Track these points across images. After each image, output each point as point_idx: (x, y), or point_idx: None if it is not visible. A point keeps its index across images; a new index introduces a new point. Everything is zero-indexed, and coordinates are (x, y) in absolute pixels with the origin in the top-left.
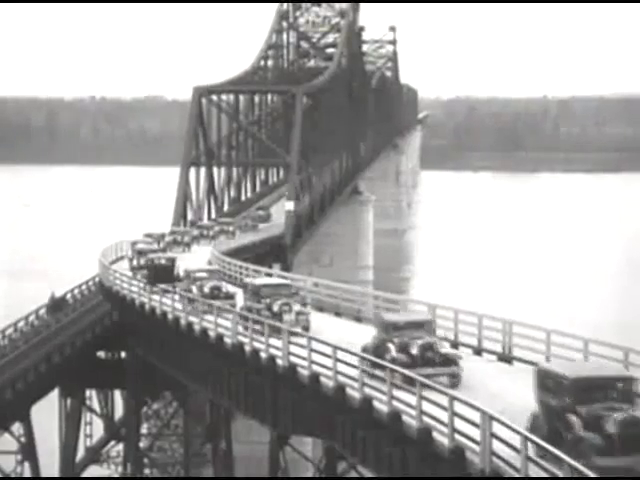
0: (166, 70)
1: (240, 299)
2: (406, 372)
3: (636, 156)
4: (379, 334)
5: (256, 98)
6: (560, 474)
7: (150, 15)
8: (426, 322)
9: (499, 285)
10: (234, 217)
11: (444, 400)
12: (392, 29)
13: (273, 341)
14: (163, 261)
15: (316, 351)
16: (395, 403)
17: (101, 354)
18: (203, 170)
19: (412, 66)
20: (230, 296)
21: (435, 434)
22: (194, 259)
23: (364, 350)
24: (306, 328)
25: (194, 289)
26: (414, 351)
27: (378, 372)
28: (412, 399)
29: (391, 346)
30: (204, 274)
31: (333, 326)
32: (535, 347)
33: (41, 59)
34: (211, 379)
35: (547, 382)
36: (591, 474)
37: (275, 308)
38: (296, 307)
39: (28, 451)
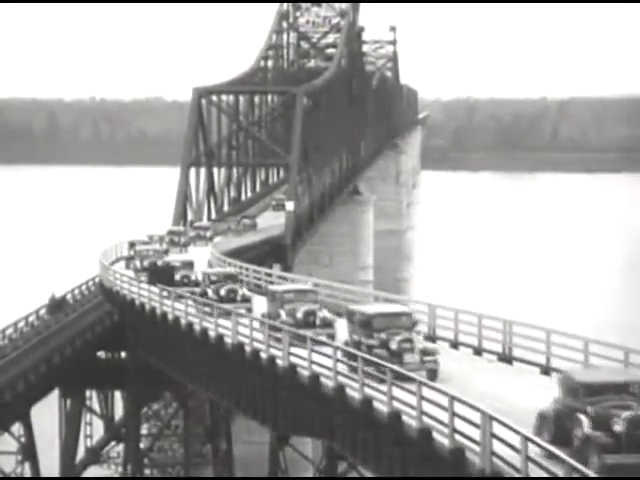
0: (166, 71)
1: (342, 330)
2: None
3: (636, 157)
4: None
5: (256, 98)
6: (561, 474)
7: (150, 16)
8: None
9: (499, 285)
10: (222, 220)
11: (444, 400)
12: (392, 29)
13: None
14: (177, 264)
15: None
16: (395, 403)
17: (101, 354)
18: (203, 170)
19: (412, 66)
20: (328, 323)
21: (435, 434)
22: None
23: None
24: (434, 373)
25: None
26: (393, 346)
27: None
28: (412, 399)
29: None
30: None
31: (468, 369)
32: (535, 347)
33: (41, 60)
34: (211, 379)
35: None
36: (591, 474)
37: (393, 346)
38: (420, 344)
39: (28, 451)
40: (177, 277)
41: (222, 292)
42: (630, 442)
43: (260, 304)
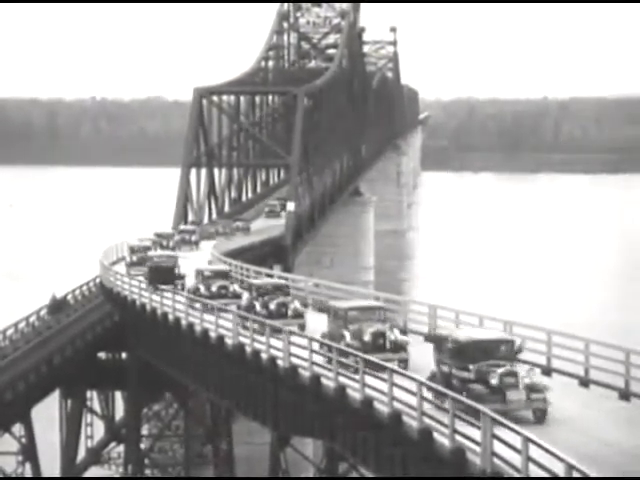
0: (167, 71)
1: (417, 353)
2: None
3: (636, 157)
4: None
5: (257, 99)
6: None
7: (151, 16)
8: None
9: (500, 286)
10: (209, 223)
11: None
12: (393, 30)
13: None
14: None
15: None
16: (395, 404)
17: (102, 355)
18: (204, 171)
19: (413, 67)
20: (401, 347)
21: (436, 435)
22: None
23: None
24: (542, 414)
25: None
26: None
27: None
28: (412, 399)
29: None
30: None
31: (579, 407)
32: (536, 348)
33: (42, 60)
34: (212, 380)
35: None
36: (592, 474)
37: (494, 381)
38: (526, 376)
39: (29, 452)
40: (213, 288)
41: (272, 306)
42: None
43: (315, 321)
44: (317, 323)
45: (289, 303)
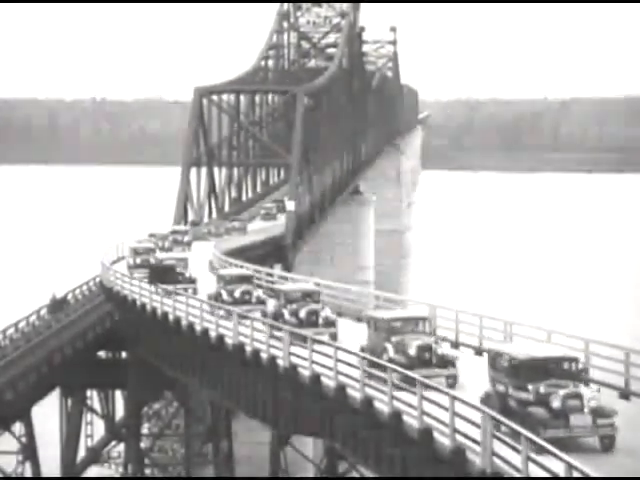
0: (167, 71)
1: (467, 368)
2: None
3: (636, 157)
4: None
5: (257, 98)
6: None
7: (151, 16)
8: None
9: (500, 285)
10: (201, 223)
11: (445, 400)
12: (393, 29)
13: None
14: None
15: None
16: (396, 403)
17: (102, 354)
18: (204, 170)
19: (413, 66)
20: (449, 362)
21: (436, 434)
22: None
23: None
24: (610, 441)
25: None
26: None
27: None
28: (413, 399)
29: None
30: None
31: None
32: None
33: (42, 60)
34: (212, 379)
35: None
36: (593, 473)
37: (556, 403)
38: (592, 399)
39: (29, 451)
40: (236, 294)
41: (302, 314)
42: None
43: (348, 330)
44: (350, 332)
45: (320, 311)
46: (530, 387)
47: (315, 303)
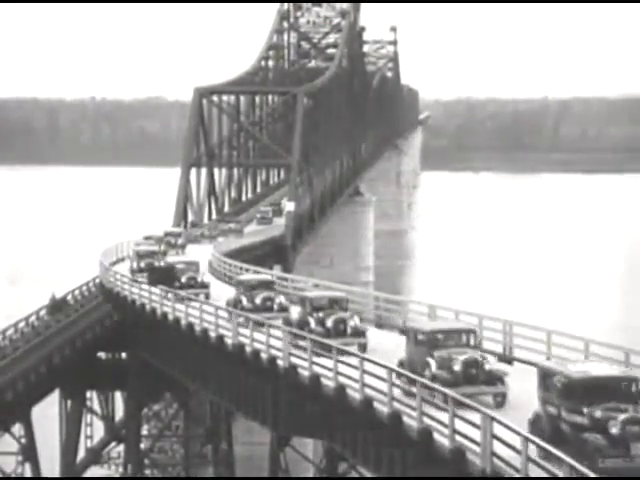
0: (167, 71)
1: (513, 385)
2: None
3: (637, 157)
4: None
5: (257, 99)
6: (561, 474)
7: (151, 15)
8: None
9: (500, 286)
10: (194, 225)
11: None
12: (393, 29)
13: None
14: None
15: None
16: (395, 404)
17: (101, 355)
18: (204, 171)
19: (413, 67)
20: (498, 379)
21: (436, 435)
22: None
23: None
24: None
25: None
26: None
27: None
28: (412, 400)
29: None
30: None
31: None
32: (536, 348)
33: (42, 60)
34: (212, 380)
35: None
36: (591, 474)
37: (614, 429)
38: None
39: (29, 452)
40: (257, 301)
41: (329, 323)
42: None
43: (379, 341)
44: (380, 341)
45: (348, 319)
46: (585, 410)
47: (343, 311)
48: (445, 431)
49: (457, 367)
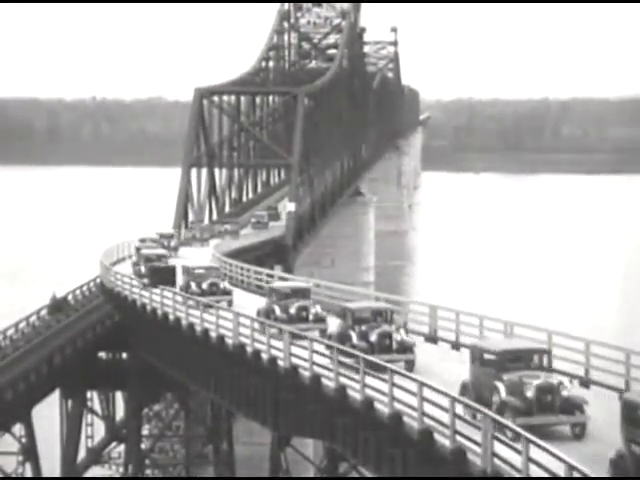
0: (167, 71)
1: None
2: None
3: (637, 158)
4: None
5: (257, 99)
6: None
7: (151, 16)
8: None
9: (500, 286)
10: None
11: (445, 401)
12: (393, 30)
13: None
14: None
15: None
16: (396, 404)
17: (102, 355)
18: (204, 171)
19: (413, 67)
20: (576, 406)
21: (436, 435)
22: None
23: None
24: None
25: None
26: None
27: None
28: (413, 400)
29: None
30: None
31: None
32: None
33: (42, 60)
34: (212, 380)
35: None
36: (592, 474)
37: None
38: None
39: (29, 452)
40: (292, 310)
41: (372, 337)
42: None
43: (428, 357)
44: (429, 357)
45: (394, 333)
46: None
47: (388, 324)
48: (445, 431)
49: (530, 393)
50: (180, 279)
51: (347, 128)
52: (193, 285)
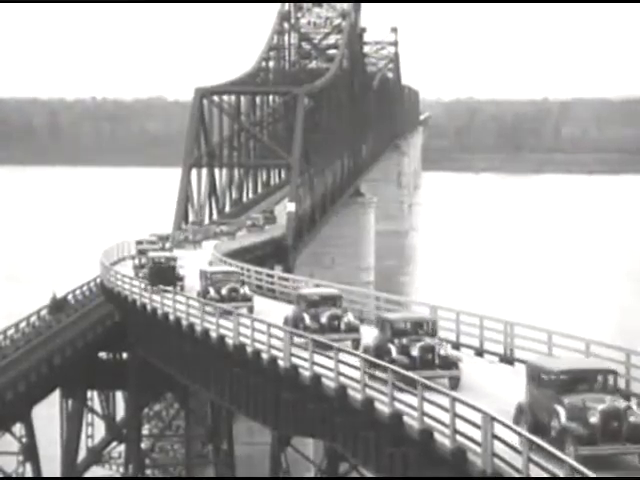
0: (168, 71)
1: None
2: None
3: (637, 158)
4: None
5: (257, 99)
6: (560, 473)
7: (152, 16)
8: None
9: (501, 287)
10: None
11: (445, 401)
12: (394, 30)
13: None
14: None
15: None
16: (396, 404)
17: (102, 355)
18: (205, 171)
19: (413, 67)
20: None
21: (436, 435)
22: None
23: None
24: None
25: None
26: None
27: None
28: (413, 400)
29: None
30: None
31: None
32: (536, 348)
33: (42, 60)
34: (213, 380)
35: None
36: (591, 474)
37: None
38: None
39: (30, 452)
40: (324, 320)
41: (414, 353)
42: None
43: (475, 373)
44: (476, 371)
45: (437, 347)
46: None
47: (430, 337)
48: (446, 431)
49: (594, 419)
50: (197, 284)
51: (347, 128)
52: (212, 291)
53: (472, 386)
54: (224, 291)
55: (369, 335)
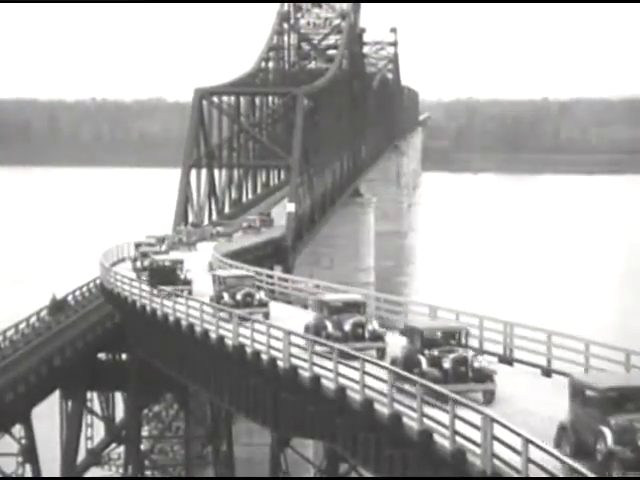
0: (167, 72)
1: None
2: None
3: (637, 158)
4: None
5: (257, 100)
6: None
7: (151, 16)
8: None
9: (500, 287)
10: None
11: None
12: (393, 31)
13: None
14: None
15: None
16: (396, 405)
17: (102, 356)
18: (204, 172)
19: (413, 68)
20: None
21: (436, 436)
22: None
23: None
24: None
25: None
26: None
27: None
28: (413, 402)
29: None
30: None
31: None
32: (536, 349)
33: (42, 61)
34: (212, 381)
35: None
36: (590, 474)
37: None
38: None
39: (29, 453)
40: (347, 328)
41: (446, 364)
42: None
43: (510, 385)
44: (510, 385)
45: (469, 359)
46: None
47: (462, 348)
48: (446, 432)
49: None
50: (202, 287)
51: (347, 128)
52: (226, 296)
53: (508, 400)
54: (239, 296)
55: (394, 343)
